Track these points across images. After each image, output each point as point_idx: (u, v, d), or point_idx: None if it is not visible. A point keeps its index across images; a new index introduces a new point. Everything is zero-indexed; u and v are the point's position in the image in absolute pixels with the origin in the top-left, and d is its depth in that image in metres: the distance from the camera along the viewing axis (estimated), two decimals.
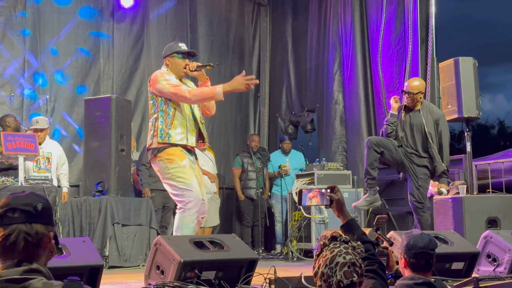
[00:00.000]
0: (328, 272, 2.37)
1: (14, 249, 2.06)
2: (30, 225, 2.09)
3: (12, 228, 2.07)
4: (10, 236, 2.06)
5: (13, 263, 2.04)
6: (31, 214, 2.10)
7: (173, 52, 5.58)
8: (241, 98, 11.47)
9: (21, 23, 9.41)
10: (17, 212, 2.09)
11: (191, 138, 5.37)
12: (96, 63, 9.97)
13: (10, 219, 2.07)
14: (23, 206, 2.10)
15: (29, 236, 2.07)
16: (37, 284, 2.01)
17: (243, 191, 9.79)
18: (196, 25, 10.98)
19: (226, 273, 4.42)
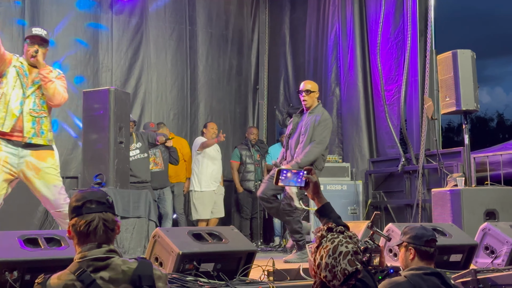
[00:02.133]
0: (332, 262, 2.40)
1: (95, 233, 2.49)
2: (106, 214, 2.53)
3: (92, 216, 2.50)
4: (92, 222, 2.49)
5: (94, 245, 2.49)
6: (106, 205, 2.55)
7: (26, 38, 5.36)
8: (240, 91, 11.48)
9: (18, 12, 9.40)
10: (94, 203, 2.52)
11: (8, 123, 5.12)
12: (95, 55, 9.95)
13: (90, 209, 2.51)
14: (98, 198, 2.54)
15: (107, 222, 2.52)
16: (117, 261, 2.48)
17: (242, 183, 9.79)
18: (195, 17, 10.96)
19: (224, 265, 4.44)
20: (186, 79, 10.80)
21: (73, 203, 2.55)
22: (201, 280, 4.20)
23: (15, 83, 5.20)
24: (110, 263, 2.46)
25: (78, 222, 2.50)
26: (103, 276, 2.42)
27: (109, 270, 2.45)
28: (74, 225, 2.51)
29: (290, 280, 4.48)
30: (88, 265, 2.44)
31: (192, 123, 10.82)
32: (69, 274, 2.42)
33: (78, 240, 2.52)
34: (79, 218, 2.50)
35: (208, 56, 11.08)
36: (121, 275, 2.45)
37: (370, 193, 9.26)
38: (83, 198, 2.53)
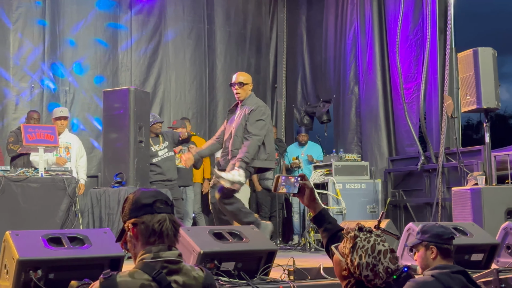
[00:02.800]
0: (373, 261, 2.41)
1: (167, 234, 2.39)
2: (172, 216, 2.45)
3: (163, 216, 2.40)
4: (164, 222, 2.39)
5: (165, 247, 2.37)
6: (171, 206, 2.47)
7: None
8: (258, 90, 11.47)
9: (39, 12, 9.51)
10: (163, 203, 2.43)
11: None
12: (114, 54, 10.03)
13: (160, 209, 2.41)
14: (166, 199, 2.46)
15: (175, 224, 2.43)
16: (187, 266, 2.41)
17: (260, 182, 9.81)
18: (213, 17, 10.99)
19: (245, 264, 4.45)
20: (205, 78, 10.84)
21: (142, 200, 2.42)
22: (222, 279, 4.22)
23: None
24: (182, 267, 2.39)
25: (150, 220, 2.38)
26: (177, 280, 2.34)
27: (182, 274, 2.37)
28: (145, 223, 2.38)
29: (311, 279, 4.49)
30: (163, 267, 2.33)
31: (211, 122, 10.85)
32: (143, 274, 2.30)
33: (147, 239, 2.38)
34: (150, 216, 2.39)
35: (226, 55, 11.11)
36: (193, 281, 2.39)
37: (389, 192, 9.23)
38: (153, 197, 2.44)
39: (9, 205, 6.78)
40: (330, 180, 8.75)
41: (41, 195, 7.00)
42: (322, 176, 8.98)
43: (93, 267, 3.98)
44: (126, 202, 2.48)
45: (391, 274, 2.42)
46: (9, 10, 9.31)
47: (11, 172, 7.04)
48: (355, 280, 2.48)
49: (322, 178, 8.95)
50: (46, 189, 7.04)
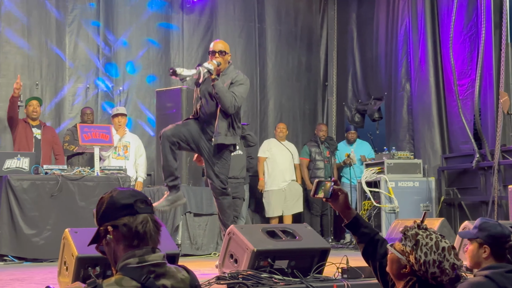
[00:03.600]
0: (438, 258, 2.41)
1: (150, 236, 2.22)
2: (153, 215, 2.27)
3: (144, 216, 2.23)
4: (147, 223, 2.22)
5: (150, 249, 2.22)
6: (151, 206, 2.29)
7: None
8: (309, 88, 11.47)
9: (93, 14, 9.71)
10: (143, 203, 2.25)
11: None
12: (166, 54, 10.16)
13: (142, 209, 2.23)
14: (145, 198, 2.29)
15: (157, 225, 2.26)
16: (172, 268, 2.26)
17: (311, 180, 9.80)
18: (264, 15, 11.01)
19: (298, 262, 4.46)
20: (256, 77, 10.87)
21: (121, 200, 2.25)
22: (276, 277, 4.23)
23: None
24: (168, 270, 2.25)
25: (132, 221, 2.21)
26: (166, 284, 2.20)
27: (168, 277, 2.22)
28: (127, 225, 2.21)
29: (365, 277, 4.47)
30: (150, 271, 2.18)
31: (262, 120, 10.88)
32: (130, 280, 2.14)
33: (130, 242, 2.22)
34: (132, 217, 2.22)
35: (277, 54, 11.12)
36: (181, 284, 2.24)
37: (443, 190, 9.10)
38: (132, 196, 2.26)
39: (67, 203, 6.97)
40: (383, 178, 8.67)
41: (97, 194, 7.16)
42: (374, 174, 8.91)
43: None
44: (101, 203, 2.30)
45: (456, 270, 2.42)
46: (64, 12, 9.53)
47: (68, 171, 7.22)
48: (417, 278, 2.46)
49: (374, 176, 8.89)
50: (102, 187, 7.20)
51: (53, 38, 9.45)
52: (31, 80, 9.28)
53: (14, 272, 5.73)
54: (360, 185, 8.99)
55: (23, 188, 6.89)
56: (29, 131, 8.02)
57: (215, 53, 5.70)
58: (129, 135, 8.52)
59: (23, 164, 7.13)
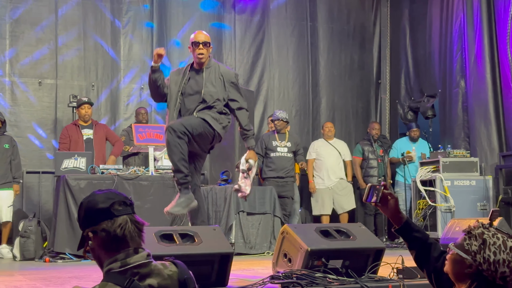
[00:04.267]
0: (507, 257, 2.36)
1: (131, 237, 2.18)
2: (133, 215, 2.22)
3: (123, 218, 2.18)
4: (126, 225, 2.17)
5: (131, 251, 2.18)
6: (131, 206, 2.24)
7: None
8: (362, 86, 11.37)
9: (147, 15, 9.85)
10: (121, 205, 2.20)
11: None
12: (218, 54, 10.22)
13: (119, 211, 2.19)
14: (124, 199, 2.23)
15: (138, 224, 2.22)
16: (158, 266, 2.21)
17: (365, 179, 9.72)
18: (316, 13, 10.97)
19: (353, 262, 4.43)
20: (308, 75, 10.84)
21: (98, 205, 2.21)
22: (330, 277, 4.21)
23: None
24: (153, 268, 2.20)
25: (111, 226, 2.16)
26: (152, 284, 2.16)
27: (154, 276, 2.18)
28: (105, 230, 2.16)
29: (421, 278, 4.40)
30: (133, 274, 2.14)
31: (314, 119, 10.84)
32: (114, 286, 2.10)
33: (110, 247, 2.18)
34: (110, 221, 2.17)
35: (329, 52, 11.06)
36: (168, 280, 2.21)
37: (501, 189, 8.89)
38: (109, 199, 2.21)
39: None
40: (438, 177, 8.54)
41: (151, 193, 7.26)
42: (429, 173, 8.78)
43: (204, 263, 4.09)
44: (81, 208, 2.27)
45: None
46: (119, 14, 9.70)
47: (124, 170, 7.34)
48: (483, 278, 2.41)
49: (429, 175, 8.75)
50: (156, 187, 7.29)
51: (108, 40, 9.64)
52: (87, 81, 9.48)
53: (72, 270, 5.86)
54: (415, 184, 8.87)
55: (80, 187, 7.04)
56: (79, 133, 8.17)
57: (199, 44, 5.34)
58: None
59: (80, 164, 7.28)
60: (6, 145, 7.97)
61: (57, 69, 9.33)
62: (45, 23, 9.31)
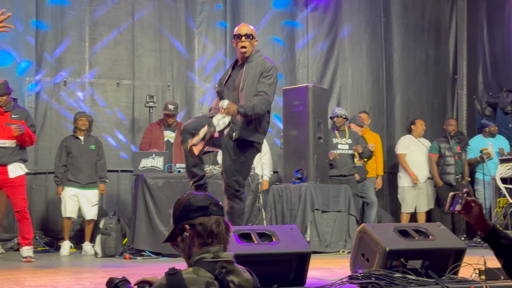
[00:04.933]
0: None
1: (222, 236, 2.50)
2: (224, 218, 2.54)
3: (217, 218, 2.51)
4: (220, 224, 2.50)
5: (222, 248, 2.49)
6: (222, 209, 2.57)
7: None
8: (437, 81, 11.15)
9: (220, 15, 9.96)
10: (216, 206, 2.53)
11: None
12: (291, 52, 10.24)
13: (215, 211, 2.51)
14: (218, 202, 2.55)
15: (227, 226, 2.54)
16: (239, 268, 2.52)
17: (441, 176, 9.55)
18: (390, 9, 10.83)
19: (432, 262, 4.35)
20: (382, 72, 10.73)
21: (197, 203, 2.52)
22: (410, 277, 4.15)
23: None
24: (236, 268, 2.49)
25: (208, 221, 2.48)
26: (234, 281, 2.44)
27: (236, 275, 2.47)
28: (203, 224, 2.47)
29: (504, 279, 4.29)
30: (222, 267, 2.44)
31: (389, 116, 10.71)
32: (205, 272, 2.40)
33: (204, 240, 2.47)
34: (207, 218, 2.48)
35: (403, 47, 10.90)
36: (246, 283, 2.48)
37: None
38: (207, 200, 2.53)
39: None
40: None
41: None
42: (510, 170, 8.53)
43: (281, 263, 4.11)
44: (178, 204, 2.56)
45: None
46: (193, 14, 9.85)
47: None
48: None
49: (510, 172, 8.51)
50: None
51: (182, 40, 9.79)
52: (163, 81, 9.67)
53: (152, 267, 5.98)
54: (495, 182, 8.64)
55: (158, 186, 7.19)
56: (160, 133, 8.35)
57: (241, 36, 5.14)
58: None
59: (158, 163, 7.43)
60: (93, 146, 8.22)
61: (134, 70, 9.55)
62: (123, 25, 9.55)
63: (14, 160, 6.92)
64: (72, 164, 8.09)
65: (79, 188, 8.05)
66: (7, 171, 6.89)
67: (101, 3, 9.48)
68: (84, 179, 8.08)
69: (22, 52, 9.09)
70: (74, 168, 8.08)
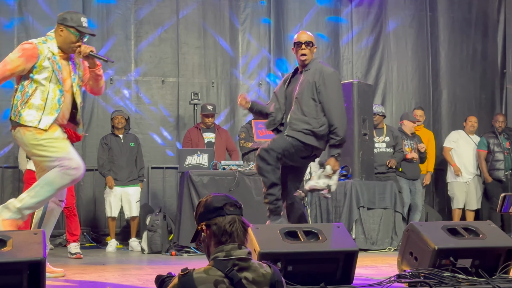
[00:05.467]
0: None
1: (237, 234, 2.62)
2: (241, 217, 2.67)
3: (233, 217, 2.64)
4: (234, 223, 2.62)
5: (236, 246, 2.61)
6: (240, 208, 2.69)
7: (72, 25, 4.67)
8: (485, 75, 10.93)
9: (264, 12, 9.96)
10: (232, 206, 2.66)
11: (46, 120, 4.57)
12: (335, 48, 10.18)
13: (230, 211, 2.65)
14: (235, 202, 2.69)
15: (244, 225, 2.67)
16: (256, 264, 2.61)
17: (490, 172, 9.38)
18: (436, 3, 10.65)
19: (482, 261, 4.27)
20: (428, 67, 10.58)
21: (214, 204, 2.66)
22: (459, 277, 4.09)
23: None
24: (251, 265, 2.59)
25: (222, 221, 2.62)
26: (247, 277, 2.55)
27: (251, 271, 2.57)
28: (217, 224, 2.61)
29: None
30: (234, 264, 2.55)
31: (435, 111, 10.56)
32: (216, 270, 2.52)
33: (219, 239, 2.62)
34: (222, 218, 2.62)
35: (450, 42, 10.72)
36: (262, 277, 2.58)
37: None
38: (223, 200, 2.67)
39: (244, 198, 7.17)
40: None
41: None
42: None
43: (328, 261, 4.08)
44: (199, 206, 2.72)
45: None
46: (237, 11, 9.87)
47: (244, 166, 7.46)
48: None
49: None
50: None
51: (226, 37, 9.82)
52: (207, 79, 9.71)
53: (198, 263, 5.97)
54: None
55: (203, 183, 7.22)
56: (199, 136, 8.40)
57: (301, 44, 5.11)
58: None
59: (203, 160, 7.47)
60: (132, 144, 8.31)
61: (179, 67, 9.62)
62: (167, 23, 9.62)
63: None
64: (113, 162, 8.18)
65: (121, 186, 8.14)
66: None
67: (146, 2, 9.57)
68: (126, 177, 8.17)
69: None
70: (115, 165, 8.17)
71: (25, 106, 4.56)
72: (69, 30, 4.66)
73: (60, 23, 4.68)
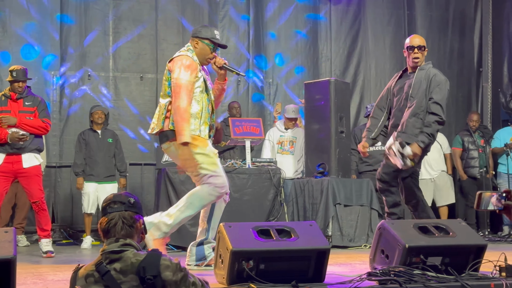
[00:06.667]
0: None
1: (114, 230, 2.89)
2: (126, 212, 2.92)
3: (113, 214, 2.91)
4: (112, 220, 2.89)
5: (113, 240, 2.88)
6: (126, 204, 2.93)
7: (207, 37, 5.00)
8: (462, 74, 11.04)
9: (243, 9, 9.97)
10: (117, 204, 2.94)
11: (204, 130, 4.91)
12: (314, 46, 10.22)
13: (112, 209, 2.93)
14: (121, 199, 2.94)
15: (125, 219, 2.90)
16: (129, 254, 2.83)
17: (465, 170, 9.48)
18: (414, 1, 10.73)
19: (452, 259, 4.33)
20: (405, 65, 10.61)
21: (102, 205, 3.01)
22: (429, 274, 4.14)
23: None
24: (123, 255, 2.82)
25: (102, 220, 2.93)
26: (116, 267, 2.80)
27: (121, 262, 2.81)
28: (100, 223, 2.95)
29: None
30: (106, 257, 2.83)
31: None
32: (92, 265, 2.83)
33: (103, 236, 2.94)
34: (104, 217, 2.94)
35: (427, 40, 10.61)
36: (129, 266, 2.79)
37: None
38: (108, 200, 2.97)
39: None
40: None
41: (249, 185, 7.37)
42: None
43: (300, 259, 4.11)
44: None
45: None
46: (216, 8, 9.88)
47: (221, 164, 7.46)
48: None
49: None
50: (254, 179, 7.39)
51: None
52: None
53: None
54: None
55: (180, 180, 7.23)
56: None
57: (414, 48, 5.62)
58: (296, 130, 8.67)
59: None
60: (110, 139, 8.29)
61: (157, 63, 9.60)
62: (146, 19, 9.60)
63: (28, 150, 6.56)
64: (90, 158, 8.16)
65: (98, 183, 8.13)
66: (21, 160, 6.54)
67: None
68: (102, 173, 8.16)
69: (47, 46, 9.19)
70: (92, 161, 8.16)
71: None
72: (204, 42, 4.97)
73: (195, 36, 4.98)
